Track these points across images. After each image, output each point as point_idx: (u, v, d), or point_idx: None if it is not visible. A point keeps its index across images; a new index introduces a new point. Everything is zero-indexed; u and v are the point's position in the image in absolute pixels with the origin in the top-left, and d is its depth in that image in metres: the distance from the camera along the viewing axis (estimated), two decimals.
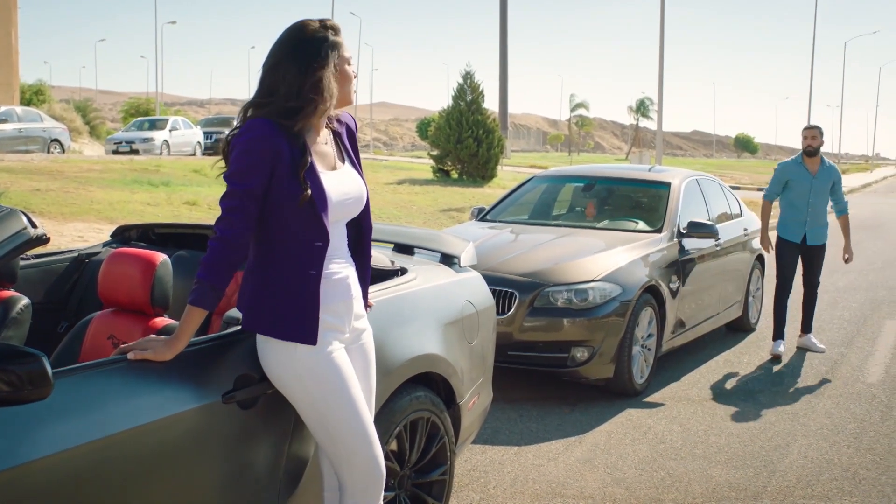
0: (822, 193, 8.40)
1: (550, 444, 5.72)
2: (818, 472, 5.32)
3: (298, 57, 2.89)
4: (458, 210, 19.38)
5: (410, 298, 3.89)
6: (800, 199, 8.39)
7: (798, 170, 8.45)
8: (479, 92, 29.22)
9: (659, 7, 32.15)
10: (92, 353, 3.36)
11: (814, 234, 8.41)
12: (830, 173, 8.43)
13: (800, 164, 8.46)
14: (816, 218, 8.39)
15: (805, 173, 8.40)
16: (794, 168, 8.50)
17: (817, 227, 8.41)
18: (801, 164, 8.44)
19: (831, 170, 8.47)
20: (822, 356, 8.32)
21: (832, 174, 8.44)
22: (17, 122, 28.13)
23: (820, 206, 8.40)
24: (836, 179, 8.48)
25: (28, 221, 2.56)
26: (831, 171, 8.45)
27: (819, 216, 8.40)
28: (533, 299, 6.56)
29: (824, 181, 8.39)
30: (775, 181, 8.61)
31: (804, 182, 8.38)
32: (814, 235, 8.41)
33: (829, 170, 8.45)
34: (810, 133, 8.41)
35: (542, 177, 9.79)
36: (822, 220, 8.43)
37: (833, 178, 8.43)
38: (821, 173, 8.38)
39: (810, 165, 8.41)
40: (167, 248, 4.61)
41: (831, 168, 8.49)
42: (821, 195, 8.40)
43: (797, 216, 8.42)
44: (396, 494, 3.76)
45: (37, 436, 2.39)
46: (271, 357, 2.99)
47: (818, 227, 8.42)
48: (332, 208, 2.98)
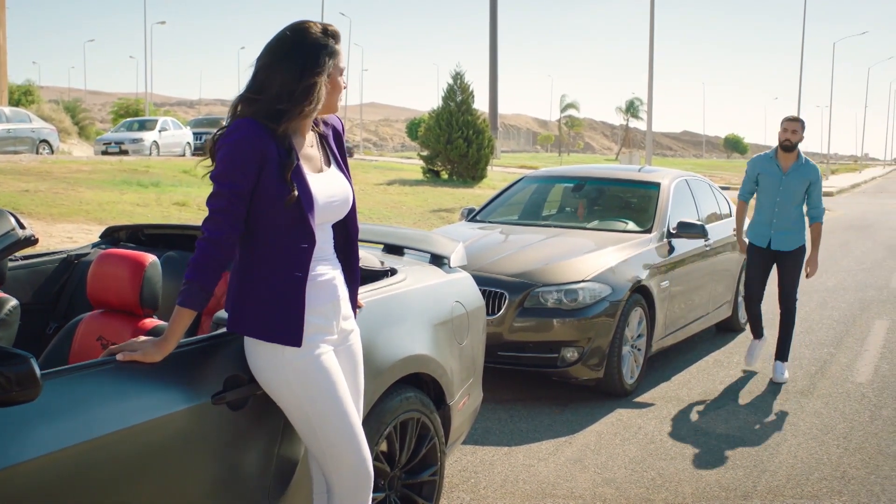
0: (792, 193, 7.46)
1: (541, 444, 5.73)
2: (808, 472, 5.33)
3: (297, 61, 2.88)
4: (447, 210, 19.38)
5: (400, 299, 3.89)
6: (767, 197, 7.55)
7: (768, 165, 7.58)
8: (469, 92, 29.26)
9: (649, 7, 32.20)
10: (81, 354, 3.36)
11: (781, 238, 7.49)
12: (806, 172, 7.46)
13: (771, 159, 7.59)
14: (784, 220, 7.46)
15: (775, 169, 7.51)
16: (764, 162, 7.64)
17: (785, 232, 7.47)
18: (773, 159, 7.57)
19: (808, 169, 7.49)
20: (812, 356, 8.33)
21: (808, 174, 7.46)
22: (5, 122, 28.03)
23: (789, 207, 7.46)
24: (814, 180, 7.48)
25: (16, 222, 2.55)
26: (807, 171, 7.47)
27: (787, 219, 7.46)
28: (523, 300, 6.56)
29: (796, 180, 7.44)
30: (747, 178, 7.81)
31: (773, 179, 7.50)
32: (781, 240, 7.49)
33: (804, 168, 7.48)
34: (790, 126, 7.47)
35: (532, 177, 9.79)
36: (791, 224, 7.47)
37: (809, 178, 7.45)
38: (794, 171, 7.45)
39: (783, 161, 7.52)
40: (156, 248, 4.60)
41: (809, 167, 7.50)
42: (791, 195, 7.46)
43: (762, 217, 7.59)
44: (386, 495, 3.76)
45: (25, 438, 2.37)
46: (258, 359, 2.98)
47: (786, 232, 7.47)
48: (319, 210, 2.98)
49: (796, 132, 7.45)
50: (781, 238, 7.48)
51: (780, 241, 7.49)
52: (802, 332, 9.36)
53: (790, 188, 7.43)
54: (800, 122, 7.50)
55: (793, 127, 7.46)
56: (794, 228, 7.49)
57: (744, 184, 7.83)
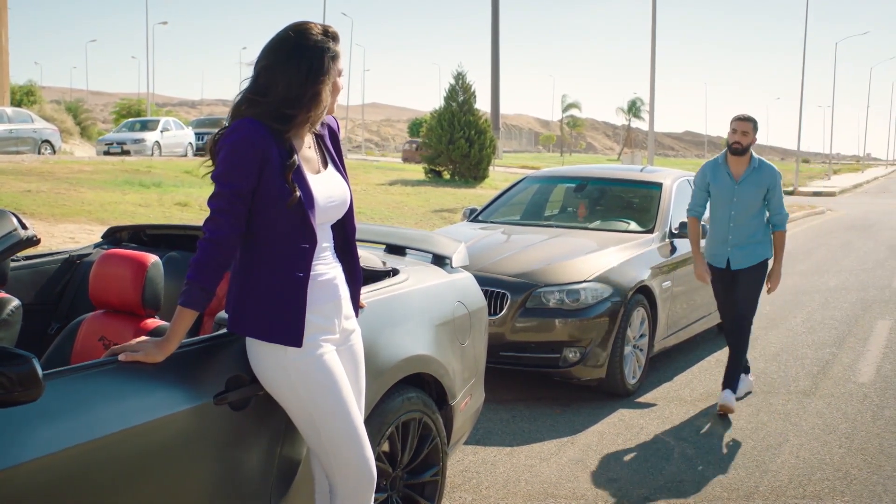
0: (748, 203, 6.54)
1: (543, 444, 5.72)
2: (810, 472, 5.33)
3: (301, 64, 2.87)
4: (449, 211, 19.38)
5: (402, 299, 3.89)
6: (720, 210, 6.64)
7: (718, 172, 6.66)
8: (470, 92, 29.27)
9: (650, 7, 32.16)
10: (83, 354, 3.36)
11: (739, 255, 6.59)
12: (762, 177, 6.54)
13: (721, 165, 6.66)
14: (742, 235, 6.57)
15: (726, 178, 6.60)
16: (714, 170, 6.70)
17: (744, 247, 6.57)
18: (723, 165, 6.64)
19: (764, 173, 6.56)
20: (814, 356, 8.32)
21: (765, 178, 6.54)
22: (7, 123, 28.05)
23: (746, 218, 6.55)
24: (772, 185, 6.55)
25: (18, 223, 2.55)
26: (763, 175, 6.55)
27: (745, 232, 6.56)
28: (525, 300, 6.56)
29: (752, 188, 6.53)
30: (697, 188, 6.83)
31: (725, 189, 6.59)
32: (739, 257, 6.59)
33: (760, 173, 6.55)
34: (741, 126, 6.53)
35: (534, 177, 9.79)
36: (750, 237, 6.57)
37: (766, 183, 6.53)
38: (747, 178, 6.53)
39: (734, 167, 6.59)
40: (158, 249, 4.60)
41: (765, 170, 6.57)
42: (747, 206, 6.54)
43: (717, 233, 6.69)
44: (388, 495, 3.76)
45: (27, 438, 2.37)
46: (260, 359, 2.98)
47: (745, 247, 6.58)
48: (319, 211, 2.98)
49: (747, 134, 6.54)
50: (740, 255, 6.60)
51: (740, 259, 6.60)
52: (804, 332, 9.37)
53: (746, 198, 6.54)
54: (751, 123, 6.60)
55: (743, 128, 6.56)
56: (755, 241, 6.61)
57: (693, 196, 6.90)
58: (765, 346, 8.71)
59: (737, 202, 6.55)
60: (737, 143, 6.52)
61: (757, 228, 6.59)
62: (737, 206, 6.55)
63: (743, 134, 6.52)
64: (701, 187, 6.75)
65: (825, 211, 30.20)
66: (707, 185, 6.71)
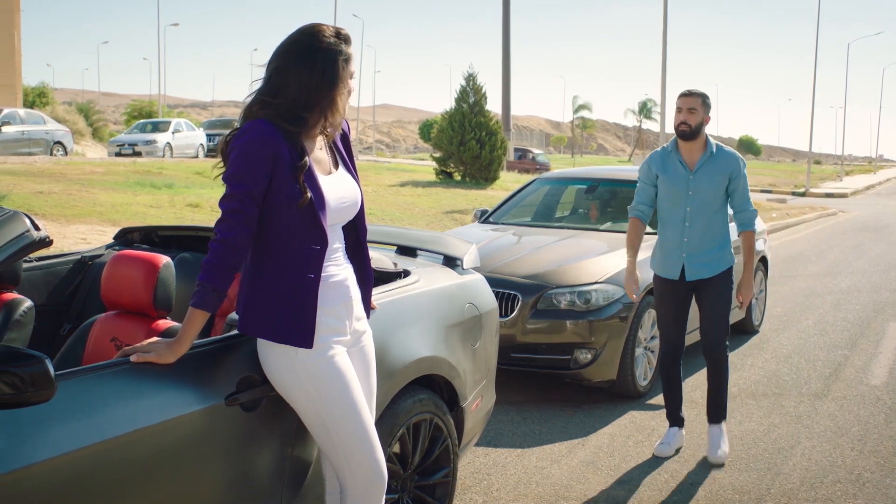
0: (707, 198, 5.41)
1: (553, 446, 5.72)
2: (822, 475, 5.31)
3: (313, 66, 2.88)
4: (460, 212, 19.38)
5: (413, 301, 3.89)
6: (672, 208, 5.48)
7: (669, 162, 5.49)
8: (481, 94, 29.23)
9: (662, 8, 32.12)
10: (95, 355, 3.37)
11: (698, 264, 5.47)
12: (721, 165, 5.40)
13: (670, 153, 5.50)
14: (700, 238, 5.44)
15: (678, 167, 5.44)
16: (663, 160, 5.53)
17: (704, 253, 5.46)
18: (674, 154, 5.48)
19: (723, 160, 5.43)
20: (826, 358, 8.29)
21: (725, 166, 5.40)
22: (20, 124, 28.19)
23: (705, 217, 5.43)
24: (734, 173, 5.41)
25: (31, 224, 2.56)
26: (723, 162, 5.41)
27: (705, 234, 5.44)
28: (536, 301, 6.55)
29: (710, 178, 5.39)
30: (641, 184, 5.63)
31: (677, 181, 5.43)
32: (698, 266, 5.48)
33: (718, 159, 5.41)
34: (686, 102, 5.38)
35: (545, 179, 9.80)
36: (711, 241, 5.46)
37: (727, 171, 5.40)
38: (704, 167, 5.39)
39: (687, 154, 5.44)
40: (170, 250, 4.62)
41: (724, 157, 5.44)
42: (705, 202, 5.41)
43: (669, 236, 5.52)
44: (399, 497, 3.76)
45: (39, 438, 2.38)
46: (271, 360, 2.98)
47: (705, 253, 5.46)
48: (330, 212, 2.98)
49: (695, 111, 5.35)
50: (699, 264, 5.48)
51: (698, 268, 5.48)
52: (816, 334, 9.34)
53: (703, 191, 5.40)
54: (700, 97, 5.37)
55: (689, 104, 5.37)
56: (717, 245, 5.48)
57: (637, 193, 5.66)
58: (776, 348, 8.68)
59: (693, 196, 5.41)
60: (683, 123, 5.35)
61: (718, 229, 5.48)
62: (693, 200, 5.41)
63: (690, 112, 5.35)
64: (646, 181, 5.57)
65: (837, 212, 30.12)
66: (654, 178, 5.53)
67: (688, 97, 5.38)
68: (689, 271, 5.48)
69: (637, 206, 5.61)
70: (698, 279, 5.50)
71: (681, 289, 5.55)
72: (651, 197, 5.57)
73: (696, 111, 5.35)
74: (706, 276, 5.49)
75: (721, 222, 5.49)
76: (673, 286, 5.56)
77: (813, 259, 16.18)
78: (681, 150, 5.46)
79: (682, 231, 5.45)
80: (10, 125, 27.69)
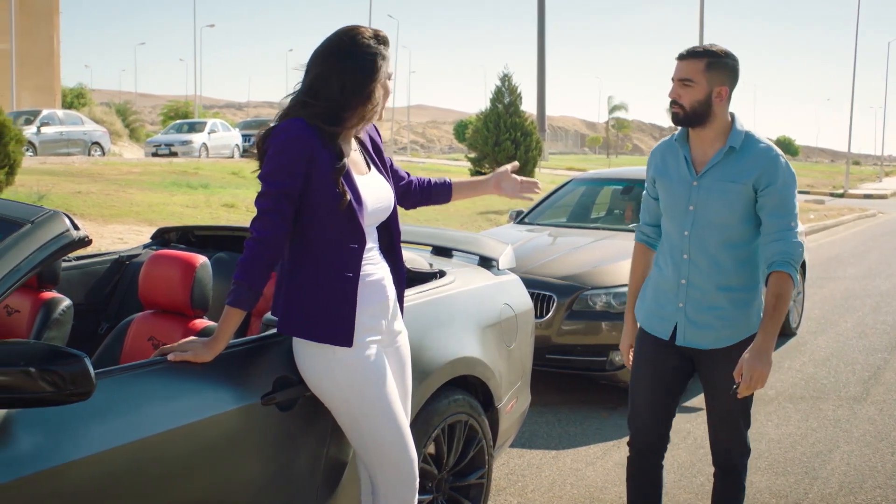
0: (714, 219, 3.43)
1: (588, 448, 5.69)
2: (861, 480, 5.24)
3: (353, 67, 2.89)
4: (495, 213, 19.37)
5: (449, 301, 3.88)
6: (672, 230, 3.57)
7: (671, 158, 3.58)
8: (516, 94, 29.16)
9: (698, 10, 31.97)
10: (132, 354, 3.39)
11: (696, 324, 3.52)
12: (743, 166, 3.38)
13: (677, 146, 3.56)
14: (703, 283, 3.48)
15: (680, 168, 3.52)
16: (664, 156, 3.62)
17: (708, 309, 3.49)
18: (680, 147, 3.54)
19: (750, 157, 3.39)
20: (865, 361, 8.20)
21: (751, 166, 3.37)
22: (58, 125, 28.56)
23: (710, 250, 3.46)
24: (765, 178, 3.34)
25: (71, 224, 2.58)
26: (749, 161, 3.38)
27: (710, 279, 3.47)
28: (571, 302, 6.53)
29: (722, 187, 3.40)
30: (646, 192, 3.78)
31: (677, 189, 3.52)
32: (696, 328, 3.52)
33: (739, 158, 3.40)
34: (680, 71, 3.42)
35: (581, 179, 9.78)
36: (720, 291, 3.46)
37: (752, 174, 3.35)
38: (716, 168, 3.43)
39: (698, 147, 3.50)
40: (206, 249, 4.65)
41: (752, 153, 3.40)
42: (712, 224, 3.44)
43: (666, 274, 3.59)
44: (434, 498, 3.76)
45: (79, 436, 2.41)
46: (307, 359, 2.99)
47: (710, 310, 3.49)
48: (367, 213, 2.99)
49: (691, 84, 3.38)
50: (699, 324, 3.52)
51: (697, 331, 3.53)
52: (855, 337, 9.23)
53: (710, 207, 3.43)
54: (702, 60, 3.37)
55: (684, 72, 3.40)
56: (732, 298, 3.48)
57: (642, 205, 3.85)
58: (814, 351, 8.60)
59: (695, 213, 3.47)
60: (673, 103, 3.45)
61: (736, 270, 3.46)
62: (695, 221, 3.47)
63: (682, 85, 3.40)
64: (648, 188, 3.76)
65: (876, 214, 29.77)
66: (653, 182, 3.70)
67: (683, 60, 3.43)
68: (683, 332, 3.55)
69: (641, 227, 3.84)
70: (693, 347, 3.57)
71: (670, 356, 3.63)
72: (656, 209, 3.73)
73: (692, 84, 3.38)
74: (706, 347, 3.54)
75: (742, 260, 3.46)
76: (658, 350, 3.65)
77: (852, 261, 16.01)
78: (690, 142, 3.53)
79: (680, 267, 3.53)
80: (49, 126, 28.07)
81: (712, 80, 3.38)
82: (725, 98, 3.41)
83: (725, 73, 3.41)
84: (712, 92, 3.38)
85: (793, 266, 3.28)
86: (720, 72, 3.39)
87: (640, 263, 3.82)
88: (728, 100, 3.44)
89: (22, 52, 35.34)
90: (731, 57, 3.44)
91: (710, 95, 3.38)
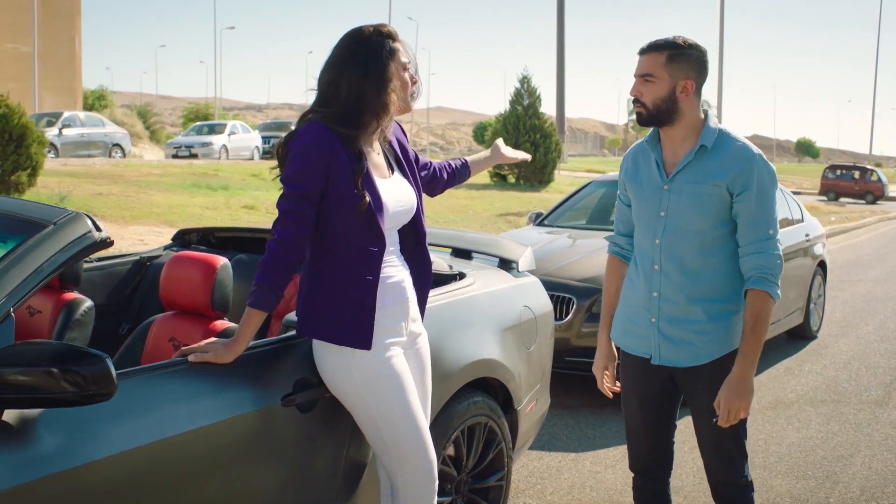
0: (686, 225, 3.18)
1: (608, 451, 5.67)
2: (883, 485, 5.21)
3: (357, 64, 2.91)
4: (515, 215, 19.35)
5: (468, 303, 3.88)
6: (643, 239, 3.32)
7: (642, 161, 3.34)
8: (536, 96, 29.19)
9: (718, 12, 31.89)
10: (153, 355, 3.40)
11: (673, 341, 3.25)
12: (716, 166, 3.13)
13: (648, 148, 3.31)
14: (674, 295, 3.22)
15: (651, 171, 3.28)
16: (635, 159, 3.38)
17: (682, 323, 3.23)
18: (651, 148, 3.29)
19: (724, 156, 3.13)
20: (887, 365, 8.14)
21: (726, 166, 3.11)
22: (80, 127, 28.76)
23: (682, 260, 3.20)
24: (740, 179, 3.09)
25: (93, 225, 2.60)
26: (723, 161, 3.13)
27: (682, 291, 3.21)
28: (591, 305, 6.51)
29: (693, 190, 3.16)
30: (618, 198, 3.54)
31: (647, 194, 3.27)
32: (672, 345, 3.26)
33: (712, 157, 3.14)
34: (641, 66, 3.16)
35: (600, 182, 9.76)
36: (694, 305, 3.20)
37: (727, 174, 3.10)
38: (687, 170, 3.18)
39: (669, 148, 3.25)
40: (227, 251, 4.66)
41: (726, 151, 3.14)
42: (683, 231, 3.19)
43: (637, 286, 3.33)
44: (453, 499, 3.76)
45: (100, 436, 2.42)
46: (327, 361, 2.99)
47: (684, 323, 3.23)
48: (388, 216, 2.99)
49: (652, 80, 3.13)
50: (675, 340, 3.26)
51: (673, 348, 3.27)
52: (877, 341, 9.17)
53: (681, 212, 3.19)
54: (663, 53, 3.11)
55: (646, 67, 3.15)
56: (710, 311, 3.22)
57: (616, 210, 3.58)
58: (835, 354, 8.55)
59: (666, 220, 3.22)
60: (635, 101, 3.20)
61: (711, 282, 3.20)
62: (665, 228, 3.22)
63: (644, 81, 3.15)
64: (622, 195, 3.50)
65: None
66: (625, 188, 3.44)
67: (643, 54, 3.17)
68: (658, 350, 3.30)
69: (614, 238, 3.56)
70: (673, 366, 3.31)
71: (657, 376, 3.38)
72: (629, 216, 3.46)
73: (653, 79, 3.12)
74: (684, 365, 3.28)
75: (718, 268, 3.20)
76: (645, 369, 3.38)
77: (873, 264, 15.91)
78: (662, 143, 3.27)
79: (651, 279, 3.27)
80: (70, 128, 28.27)
81: (675, 74, 3.11)
82: (692, 93, 3.13)
83: (689, 65, 3.13)
84: (676, 87, 3.11)
85: (771, 282, 3.09)
86: (683, 64, 3.12)
87: (615, 278, 3.52)
88: (696, 95, 3.16)
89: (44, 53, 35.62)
90: (696, 48, 3.15)
91: (674, 91, 3.11)
